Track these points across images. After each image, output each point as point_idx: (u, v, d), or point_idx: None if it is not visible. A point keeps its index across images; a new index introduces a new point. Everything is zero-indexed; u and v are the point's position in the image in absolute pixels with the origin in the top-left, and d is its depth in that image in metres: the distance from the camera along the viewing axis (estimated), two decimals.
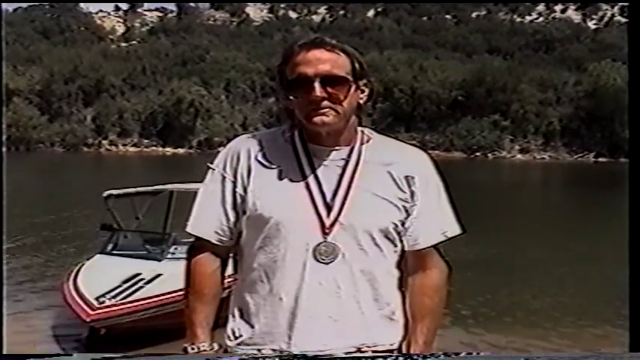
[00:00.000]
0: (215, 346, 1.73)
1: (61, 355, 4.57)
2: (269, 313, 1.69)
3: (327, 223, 1.65)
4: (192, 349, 1.71)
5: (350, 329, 1.68)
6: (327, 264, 1.65)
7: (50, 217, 15.11)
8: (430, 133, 56.22)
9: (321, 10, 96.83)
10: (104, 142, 56.74)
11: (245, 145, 1.74)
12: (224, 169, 1.74)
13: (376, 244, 1.68)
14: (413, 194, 1.71)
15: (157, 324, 5.96)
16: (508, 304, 8.68)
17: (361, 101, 1.72)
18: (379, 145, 1.76)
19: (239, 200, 1.71)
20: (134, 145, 56.58)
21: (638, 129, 2.47)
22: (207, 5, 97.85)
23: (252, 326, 1.71)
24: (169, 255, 7.03)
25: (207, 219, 1.74)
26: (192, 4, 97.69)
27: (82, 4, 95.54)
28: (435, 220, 1.74)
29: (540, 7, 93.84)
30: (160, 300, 6.07)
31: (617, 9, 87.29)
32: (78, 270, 6.88)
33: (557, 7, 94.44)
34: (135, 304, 6.03)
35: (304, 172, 1.69)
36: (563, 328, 7.58)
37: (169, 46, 72.43)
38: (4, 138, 44.98)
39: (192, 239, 1.79)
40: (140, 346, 5.46)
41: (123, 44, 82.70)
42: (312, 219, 1.66)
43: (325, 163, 1.70)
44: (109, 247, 7.54)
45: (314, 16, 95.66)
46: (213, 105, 57.36)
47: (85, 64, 59.96)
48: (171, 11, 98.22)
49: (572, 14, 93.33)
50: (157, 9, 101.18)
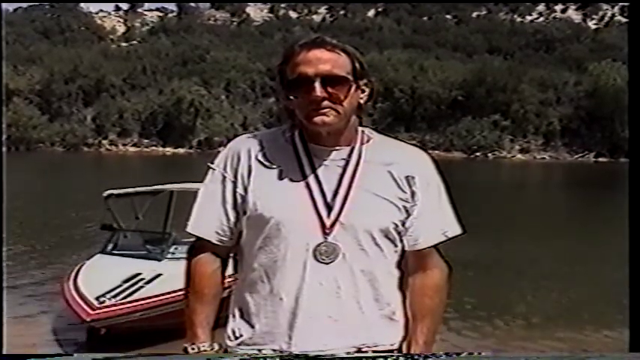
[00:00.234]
0: (215, 346, 1.73)
1: (62, 355, 4.56)
2: (269, 313, 1.69)
3: (328, 223, 1.65)
4: (193, 349, 1.71)
5: (350, 329, 1.68)
6: (328, 264, 1.65)
7: (50, 217, 15.12)
8: (430, 133, 56.20)
9: (322, 10, 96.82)
10: (104, 141, 56.72)
11: (245, 145, 1.74)
12: (224, 169, 1.73)
13: (377, 244, 1.68)
14: (413, 194, 1.71)
15: (157, 324, 5.96)
16: (508, 303, 8.68)
17: (362, 101, 1.72)
18: (380, 145, 1.76)
19: (239, 200, 1.71)
20: (134, 145, 56.56)
21: (638, 129, 2.47)
22: (207, 5, 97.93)
23: (252, 326, 1.71)
24: (169, 255, 7.03)
25: (207, 219, 1.74)
26: (192, 4, 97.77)
27: (82, 3, 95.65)
28: (436, 220, 1.74)
29: (541, 7, 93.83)
30: (160, 300, 6.07)
31: (617, 9, 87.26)
32: (78, 270, 6.89)
33: (558, 7, 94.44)
34: (135, 303, 6.03)
35: (305, 172, 1.69)
36: (563, 327, 7.58)
37: (170, 46, 72.38)
38: (4, 138, 44.96)
39: (192, 239, 1.79)
40: (140, 346, 5.46)
41: (123, 44, 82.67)
42: (313, 219, 1.66)
43: (326, 163, 1.70)
44: (109, 247, 7.54)
45: (314, 16, 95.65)
46: (213, 105, 57.33)
47: (86, 63, 59.94)
48: (172, 11, 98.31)
49: (573, 14, 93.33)
50: (157, 9, 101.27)
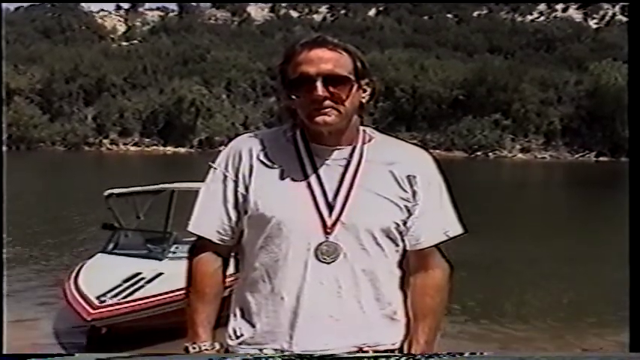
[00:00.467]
0: (216, 346, 1.73)
1: (63, 355, 4.56)
2: (270, 312, 1.69)
3: (329, 222, 1.65)
4: (194, 348, 1.71)
5: (351, 329, 1.68)
6: (329, 263, 1.65)
7: (51, 216, 15.12)
8: (431, 132, 56.18)
9: (322, 10, 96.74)
10: (105, 141, 56.73)
11: (247, 145, 1.74)
12: (226, 168, 1.73)
13: (378, 243, 1.68)
14: (415, 194, 1.70)
15: (157, 323, 5.96)
16: (508, 303, 8.68)
17: (363, 100, 1.72)
18: (381, 145, 1.76)
19: (241, 199, 1.71)
20: (135, 144, 56.57)
21: (637, 128, 2.46)
22: (208, 4, 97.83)
23: (253, 326, 1.71)
24: (170, 254, 7.03)
25: (208, 218, 1.74)
26: (193, 3, 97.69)
27: (83, 3, 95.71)
28: (437, 220, 1.74)
29: (541, 6, 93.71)
30: (161, 299, 6.07)
31: (618, 8, 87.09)
32: (79, 269, 6.89)
33: (559, 7, 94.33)
34: (136, 303, 6.03)
35: (306, 171, 1.69)
36: (563, 327, 7.58)
37: (170, 46, 72.34)
38: (4, 137, 44.98)
39: (193, 238, 1.79)
40: (141, 345, 5.46)
41: (124, 43, 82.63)
42: (314, 218, 1.66)
43: (327, 162, 1.70)
44: (110, 246, 7.55)
45: (315, 16, 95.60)
46: (214, 104, 57.34)
47: (86, 63, 59.94)
48: (173, 10, 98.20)
49: (574, 13, 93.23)
50: (158, 8, 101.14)
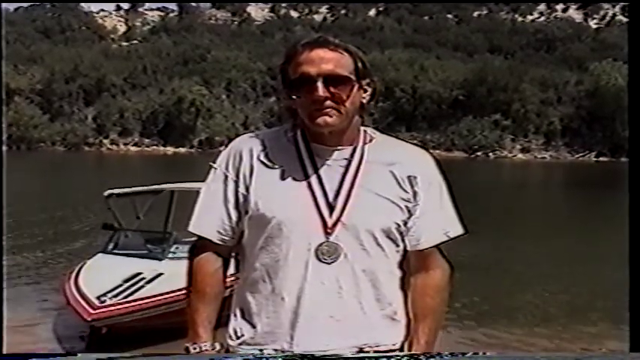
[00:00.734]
0: (217, 346, 1.73)
1: (65, 355, 4.55)
2: (271, 312, 1.68)
3: (330, 222, 1.65)
4: (194, 348, 1.71)
5: (352, 329, 1.68)
6: (330, 264, 1.65)
7: (51, 217, 15.10)
8: (431, 132, 56.23)
9: (323, 10, 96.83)
10: (105, 141, 56.78)
11: (247, 145, 1.74)
12: (226, 168, 1.73)
13: (378, 244, 1.67)
14: (415, 194, 1.70)
15: (158, 323, 5.96)
16: (509, 303, 8.67)
17: (364, 101, 1.71)
18: (382, 145, 1.75)
19: (241, 200, 1.70)
20: (135, 145, 56.61)
21: (637, 128, 2.46)
22: (208, 5, 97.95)
23: (253, 326, 1.71)
24: (170, 254, 7.02)
25: (209, 218, 1.74)
26: (193, 3, 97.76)
27: (83, 3, 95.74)
28: (438, 220, 1.74)
29: (542, 6, 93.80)
30: (161, 299, 6.06)
31: (618, 8, 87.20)
32: (79, 269, 6.88)
33: (559, 7, 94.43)
34: (136, 303, 6.03)
35: (307, 171, 1.69)
36: (563, 327, 7.58)
37: (170, 46, 72.40)
38: (4, 137, 44.99)
39: (193, 239, 1.78)
40: (141, 345, 5.46)
41: (124, 43, 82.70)
42: (315, 219, 1.65)
43: (328, 162, 1.70)
44: (110, 247, 7.54)
45: (315, 16, 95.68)
46: (214, 104, 57.38)
47: (86, 63, 60.03)
48: (173, 10, 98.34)
49: (574, 13, 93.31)
50: (158, 8, 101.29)
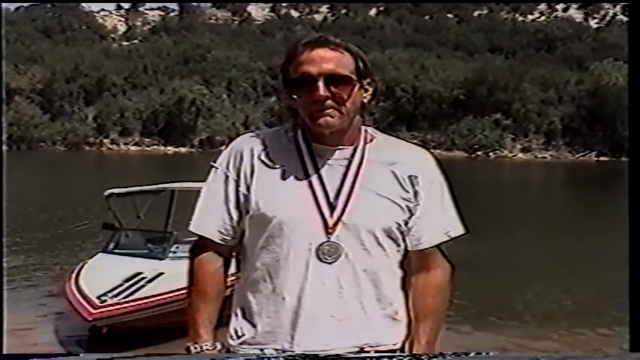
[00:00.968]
0: (218, 346, 1.73)
1: (67, 355, 4.55)
2: (272, 312, 1.68)
3: (331, 222, 1.65)
4: (195, 348, 1.71)
5: (353, 329, 1.68)
6: (330, 264, 1.65)
7: (51, 216, 15.11)
8: (432, 132, 56.14)
9: (323, 9, 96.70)
10: (106, 140, 56.71)
11: (248, 144, 1.74)
12: (227, 168, 1.73)
13: (379, 243, 1.67)
14: (416, 194, 1.70)
15: (158, 323, 5.96)
16: (509, 303, 8.66)
17: (365, 100, 1.71)
18: (383, 145, 1.75)
19: (242, 199, 1.70)
20: (136, 144, 56.55)
21: (638, 128, 2.46)
22: (208, 4, 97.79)
23: (254, 326, 1.71)
24: (171, 254, 7.03)
25: (210, 218, 1.74)
26: (193, 3, 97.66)
27: (83, 3, 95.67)
28: (439, 220, 1.74)
29: (542, 6, 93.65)
30: (162, 299, 6.07)
31: (619, 8, 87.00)
32: (80, 269, 6.89)
33: (559, 6, 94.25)
34: (136, 302, 6.04)
35: (307, 171, 1.68)
36: (564, 327, 7.58)
37: (171, 45, 72.29)
38: (5, 137, 44.98)
39: (194, 238, 1.79)
40: (142, 345, 5.46)
41: (124, 43, 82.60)
42: (316, 218, 1.65)
43: (329, 162, 1.70)
44: (110, 246, 7.55)
45: (316, 15, 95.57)
46: (214, 104, 57.31)
47: (87, 62, 59.95)
48: (173, 10, 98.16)
49: (574, 13, 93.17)
50: (158, 8, 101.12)
